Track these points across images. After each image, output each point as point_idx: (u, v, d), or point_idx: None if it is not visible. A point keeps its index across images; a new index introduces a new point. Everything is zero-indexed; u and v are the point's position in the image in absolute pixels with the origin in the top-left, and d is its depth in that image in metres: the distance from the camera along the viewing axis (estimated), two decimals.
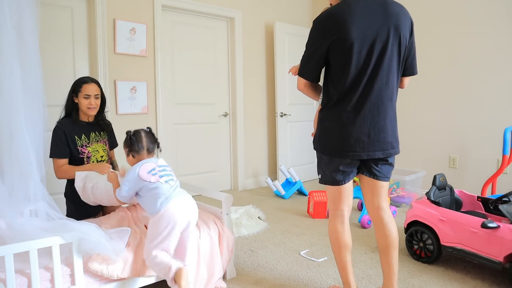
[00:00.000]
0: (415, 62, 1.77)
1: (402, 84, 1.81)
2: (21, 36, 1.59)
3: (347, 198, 1.80)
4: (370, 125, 1.66)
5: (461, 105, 3.65)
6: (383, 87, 1.65)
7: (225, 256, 2.06)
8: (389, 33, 1.61)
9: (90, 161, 2.44)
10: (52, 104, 3.22)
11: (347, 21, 1.58)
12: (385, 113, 1.67)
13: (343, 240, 1.80)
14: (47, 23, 3.20)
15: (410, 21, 1.68)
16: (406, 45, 1.68)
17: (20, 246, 1.46)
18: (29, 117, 1.62)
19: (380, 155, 1.68)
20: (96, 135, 2.51)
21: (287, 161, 4.74)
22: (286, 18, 4.85)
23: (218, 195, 2.21)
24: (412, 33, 1.70)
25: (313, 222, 3.26)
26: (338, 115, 1.69)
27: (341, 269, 1.84)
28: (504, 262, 1.97)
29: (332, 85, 1.70)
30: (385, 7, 1.62)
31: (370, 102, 1.64)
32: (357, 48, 1.59)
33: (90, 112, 2.43)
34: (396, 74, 1.69)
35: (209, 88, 4.33)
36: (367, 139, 1.66)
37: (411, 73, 1.77)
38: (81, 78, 2.49)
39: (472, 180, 3.58)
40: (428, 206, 2.37)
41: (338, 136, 1.69)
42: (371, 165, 1.73)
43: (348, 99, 1.66)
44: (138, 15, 3.65)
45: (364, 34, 1.59)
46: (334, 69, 1.68)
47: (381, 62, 1.63)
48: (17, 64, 1.57)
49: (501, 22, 3.35)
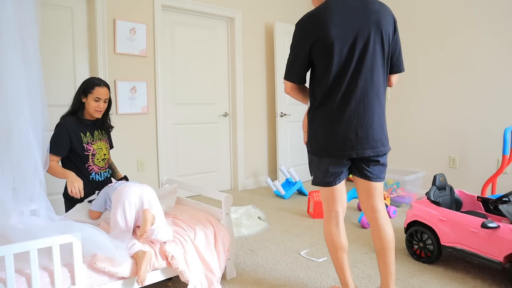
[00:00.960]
0: (401, 59, 1.76)
1: (390, 82, 1.80)
2: (21, 36, 1.59)
3: (340, 198, 1.78)
4: (357, 123, 1.65)
5: (461, 105, 3.65)
6: (367, 84, 1.65)
7: (222, 255, 2.05)
8: (370, 31, 1.62)
9: (94, 158, 2.45)
10: (52, 104, 3.24)
11: (326, 20, 1.60)
12: (372, 110, 1.66)
13: (338, 242, 1.79)
14: (47, 23, 3.21)
15: (392, 18, 1.68)
16: (390, 42, 1.68)
17: (20, 246, 1.45)
18: (30, 118, 1.62)
19: (370, 153, 1.67)
20: (99, 134, 2.52)
21: (287, 161, 4.74)
22: (286, 18, 4.85)
23: (218, 195, 2.21)
24: (396, 29, 1.70)
25: (313, 222, 3.26)
26: (324, 114, 1.69)
27: (338, 270, 1.84)
28: (504, 262, 1.97)
29: (317, 85, 1.71)
30: (365, 6, 1.63)
31: (355, 99, 1.64)
32: (338, 46, 1.60)
33: (97, 114, 2.44)
34: (382, 71, 1.69)
35: (209, 88, 4.34)
36: (355, 137, 1.65)
37: (398, 70, 1.76)
38: (93, 79, 2.47)
39: (472, 180, 3.58)
40: (428, 206, 2.37)
41: (325, 136, 1.69)
42: (362, 166, 1.71)
43: (332, 98, 1.66)
44: (138, 15, 3.65)
45: (344, 32, 1.60)
46: (317, 69, 1.69)
47: (363, 60, 1.63)
48: (21, 64, 1.57)
49: (501, 22, 3.35)
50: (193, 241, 1.96)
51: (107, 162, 2.56)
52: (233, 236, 2.19)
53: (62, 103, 3.32)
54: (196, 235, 2.00)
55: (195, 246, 1.96)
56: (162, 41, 3.88)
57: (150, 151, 3.81)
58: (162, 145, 3.89)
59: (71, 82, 3.40)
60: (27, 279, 1.52)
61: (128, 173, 3.63)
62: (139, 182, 2.13)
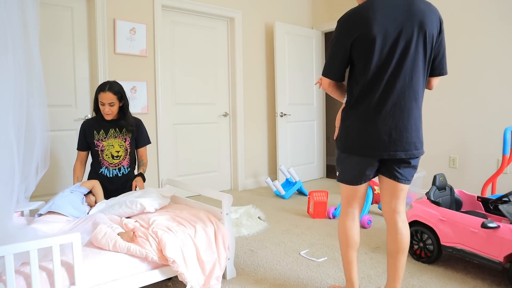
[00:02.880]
0: (445, 62, 1.71)
1: (430, 85, 1.76)
2: (22, 37, 1.59)
3: (360, 198, 1.80)
4: (392, 124, 1.62)
5: (461, 105, 3.65)
6: (406, 86, 1.62)
7: (222, 253, 2.05)
8: (413, 31, 1.57)
9: (103, 154, 2.65)
10: (52, 104, 3.24)
11: (369, 17, 1.57)
12: (408, 112, 1.63)
13: (352, 237, 1.80)
14: (47, 23, 3.21)
15: (438, 19, 1.62)
16: (433, 43, 1.63)
17: (20, 246, 1.45)
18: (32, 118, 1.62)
19: (402, 155, 1.64)
20: (116, 132, 2.68)
21: (287, 161, 4.74)
22: (286, 18, 4.85)
23: (218, 195, 2.21)
24: (441, 31, 1.64)
25: (313, 222, 3.26)
26: (359, 113, 1.67)
27: (346, 265, 1.84)
28: (504, 262, 1.97)
29: (355, 83, 1.68)
30: (410, 4, 1.59)
31: (392, 101, 1.61)
32: (379, 44, 1.57)
33: (106, 117, 2.62)
34: (423, 73, 1.65)
35: (209, 88, 4.34)
36: (388, 139, 1.63)
37: (439, 73, 1.71)
38: (102, 84, 2.61)
39: (472, 180, 3.58)
40: (428, 206, 2.37)
41: (358, 135, 1.67)
42: (393, 167, 1.69)
43: (369, 97, 1.64)
44: (138, 15, 3.65)
45: (386, 30, 1.57)
46: (357, 67, 1.66)
47: (404, 60, 1.59)
48: (24, 64, 1.57)
49: (502, 21, 3.35)
50: (193, 238, 1.97)
51: (122, 159, 2.70)
52: (233, 236, 2.19)
53: (62, 103, 3.33)
54: (197, 233, 2.00)
55: (195, 244, 1.96)
56: (162, 41, 3.88)
57: (150, 151, 3.80)
58: (162, 145, 3.89)
59: (71, 82, 3.40)
60: (26, 279, 1.52)
61: None
62: None
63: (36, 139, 1.69)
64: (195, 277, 1.90)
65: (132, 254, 1.79)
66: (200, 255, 1.96)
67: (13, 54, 1.53)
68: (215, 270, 1.98)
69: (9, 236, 1.50)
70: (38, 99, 1.69)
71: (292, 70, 4.75)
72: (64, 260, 1.64)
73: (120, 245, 1.78)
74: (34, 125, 1.68)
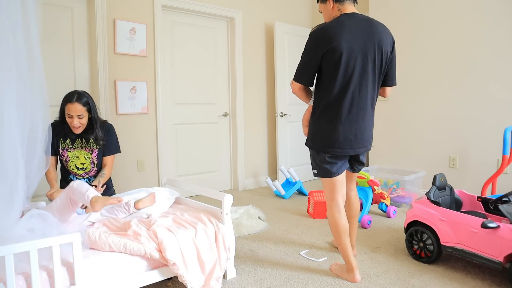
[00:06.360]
0: (395, 74, 2.12)
1: (385, 93, 2.16)
2: (23, 37, 1.59)
3: (340, 188, 2.13)
4: (357, 126, 2.00)
5: (461, 105, 3.65)
6: (368, 94, 1.98)
7: (222, 254, 2.05)
8: (374, 48, 1.92)
9: (67, 165, 2.47)
10: (52, 104, 3.23)
11: (338, 34, 1.88)
12: (368, 116, 2.03)
13: (341, 224, 2.11)
14: (47, 23, 3.21)
15: (391, 39, 2.02)
16: (387, 59, 2.01)
17: (20, 246, 1.45)
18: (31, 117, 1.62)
19: (363, 151, 2.09)
20: (82, 143, 2.47)
21: (287, 161, 4.74)
22: (286, 18, 4.85)
23: (218, 195, 2.21)
24: (393, 49, 2.03)
25: (313, 222, 3.26)
26: (330, 117, 1.99)
27: (343, 251, 2.12)
28: (504, 262, 1.97)
29: (323, 90, 2.00)
30: (371, 26, 1.94)
31: (358, 106, 1.97)
32: (345, 58, 1.89)
33: (75, 131, 2.40)
34: (378, 83, 2.04)
35: (209, 88, 4.34)
36: (353, 138, 2.01)
37: (391, 84, 2.12)
38: (69, 94, 2.39)
39: (472, 180, 3.58)
40: (428, 206, 2.37)
41: (329, 135, 2.01)
42: (354, 163, 2.20)
43: (338, 103, 1.96)
44: (138, 15, 3.65)
45: (352, 46, 1.89)
46: (325, 76, 1.97)
47: (366, 72, 1.94)
48: (25, 63, 1.57)
49: (501, 21, 3.35)
50: (193, 239, 1.97)
51: (89, 171, 2.52)
52: (233, 236, 2.19)
53: None
54: (197, 234, 2.00)
55: (196, 245, 1.96)
56: (162, 41, 3.88)
57: (150, 151, 3.81)
58: (162, 145, 3.89)
59: (71, 82, 3.40)
60: (26, 279, 1.52)
61: (128, 173, 3.63)
62: (140, 186, 2.19)
63: (37, 138, 1.69)
64: (195, 278, 1.90)
65: (130, 251, 1.79)
66: (200, 256, 1.96)
67: (15, 55, 1.54)
68: (215, 271, 1.98)
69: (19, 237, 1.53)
70: (40, 99, 1.69)
71: (292, 70, 4.74)
72: (64, 260, 1.64)
73: (115, 244, 1.79)
74: (36, 125, 1.68)
